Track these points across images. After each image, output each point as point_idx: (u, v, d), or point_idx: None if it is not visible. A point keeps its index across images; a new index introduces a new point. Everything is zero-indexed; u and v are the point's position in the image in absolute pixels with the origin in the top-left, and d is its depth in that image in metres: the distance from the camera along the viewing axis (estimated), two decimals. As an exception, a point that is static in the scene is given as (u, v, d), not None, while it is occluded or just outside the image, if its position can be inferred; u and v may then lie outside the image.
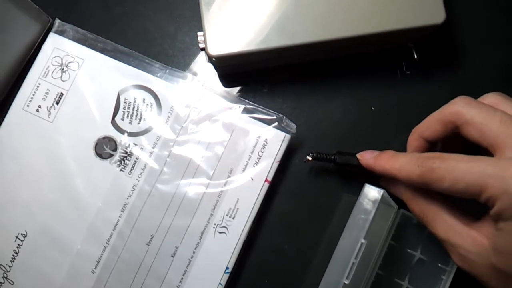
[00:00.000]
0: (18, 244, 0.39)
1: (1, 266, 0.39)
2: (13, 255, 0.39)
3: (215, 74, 0.42)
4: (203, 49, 0.38)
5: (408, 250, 0.38)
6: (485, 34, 0.42)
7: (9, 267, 0.39)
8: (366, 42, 0.38)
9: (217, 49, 0.37)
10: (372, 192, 0.33)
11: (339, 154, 0.38)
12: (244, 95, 0.41)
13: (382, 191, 0.33)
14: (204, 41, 0.38)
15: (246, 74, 0.42)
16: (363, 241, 0.32)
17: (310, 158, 0.39)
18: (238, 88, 0.42)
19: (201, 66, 0.43)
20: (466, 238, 0.29)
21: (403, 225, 0.38)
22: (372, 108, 0.41)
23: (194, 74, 0.42)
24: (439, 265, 0.37)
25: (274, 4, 0.37)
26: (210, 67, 0.42)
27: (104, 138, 0.40)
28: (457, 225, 0.30)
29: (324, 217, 0.40)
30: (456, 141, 0.32)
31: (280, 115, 0.40)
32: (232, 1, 0.38)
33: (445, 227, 0.30)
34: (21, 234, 0.39)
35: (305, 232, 0.40)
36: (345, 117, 0.41)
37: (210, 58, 0.38)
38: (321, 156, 0.38)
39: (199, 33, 0.38)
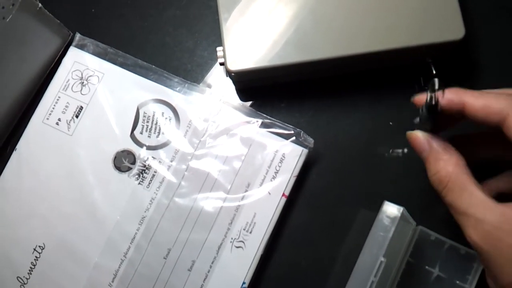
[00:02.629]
0: (36, 257, 0.40)
1: (19, 278, 0.40)
2: (31, 267, 0.40)
3: (233, 88, 0.43)
4: (222, 64, 0.39)
5: (426, 267, 0.37)
6: (505, 49, 0.42)
7: (27, 279, 0.39)
8: (384, 58, 0.38)
9: (236, 65, 0.37)
10: (391, 209, 0.33)
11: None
12: (261, 109, 0.41)
13: (401, 208, 0.33)
14: (224, 56, 0.38)
15: (264, 89, 0.42)
16: (382, 259, 0.32)
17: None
18: (256, 102, 0.42)
19: (219, 80, 0.43)
20: (497, 214, 0.27)
21: (421, 242, 0.37)
22: (390, 123, 0.41)
23: (212, 88, 0.43)
24: (457, 282, 0.36)
25: (292, 19, 0.38)
26: (228, 81, 0.42)
27: (123, 151, 0.40)
28: (487, 201, 0.28)
29: (340, 232, 0.40)
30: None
31: (297, 129, 0.40)
32: (251, 18, 0.38)
33: (473, 200, 0.28)
34: (39, 246, 0.40)
35: (322, 247, 0.40)
36: (363, 132, 0.41)
37: (229, 73, 0.38)
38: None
39: (218, 49, 0.39)
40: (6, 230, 0.40)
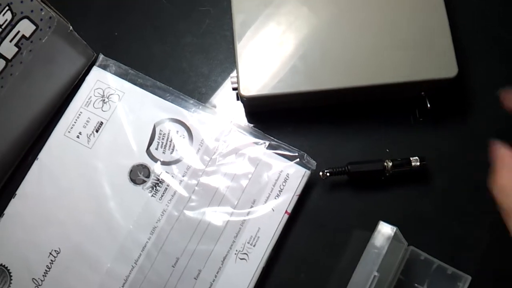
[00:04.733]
0: (51, 260, 0.42)
1: (34, 280, 0.42)
2: (46, 270, 0.42)
3: (243, 111, 0.46)
4: (235, 89, 0.42)
5: (416, 284, 0.40)
6: (497, 85, 0.46)
7: (41, 281, 0.42)
8: (382, 91, 0.42)
9: (248, 91, 0.41)
10: (385, 229, 0.36)
11: (351, 164, 0.42)
12: (269, 132, 0.45)
13: (395, 228, 0.36)
14: (237, 83, 0.41)
15: (272, 113, 0.46)
16: (376, 273, 0.35)
17: (328, 174, 0.42)
18: (264, 125, 0.46)
19: (231, 103, 0.46)
20: None
21: (411, 261, 0.40)
22: (387, 150, 0.44)
23: (224, 110, 0.46)
24: (445, 300, 0.39)
25: (302, 51, 0.41)
26: (239, 104, 0.46)
27: (138, 165, 0.43)
28: None
29: (338, 248, 0.43)
30: None
31: (301, 152, 0.43)
32: (264, 48, 0.42)
33: None
34: (55, 250, 0.42)
35: (320, 262, 0.43)
36: (362, 158, 0.44)
37: (241, 98, 0.42)
38: (336, 170, 0.42)
39: (232, 75, 0.42)
40: (25, 234, 0.43)
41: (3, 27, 0.35)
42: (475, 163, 0.42)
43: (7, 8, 0.35)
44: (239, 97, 0.42)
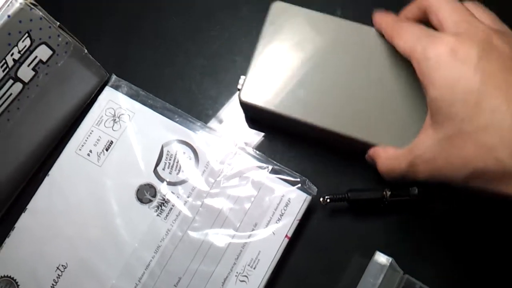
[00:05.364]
0: (58, 274, 0.44)
1: (41, 293, 0.44)
2: (53, 284, 0.43)
3: (248, 136, 0.47)
4: (239, 90, 0.44)
5: (411, 313, 0.41)
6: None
7: (48, 294, 0.43)
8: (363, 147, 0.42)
9: (246, 97, 0.43)
10: (381, 259, 0.37)
11: (351, 191, 0.43)
12: (273, 156, 0.46)
13: (390, 258, 0.37)
14: (242, 85, 0.43)
15: (276, 137, 0.47)
16: (371, 302, 0.36)
17: (328, 200, 0.43)
18: (268, 149, 0.47)
19: (237, 127, 0.48)
20: None
21: (407, 289, 0.41)
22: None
23: (230, 134, 0.47)
24: (439, 330, 0.40)
25: (309, 84, 0.42)
26: (245, 129, 0.47)
27: (145, 184, 0.45)
28: None
29: (335, 274, 0.44)
30: None
31: (303, 177, 0.44)
32: (278, 67, 0.43)
33: None
34: (62, 265, 0.44)
35: (319, 286, 0.44)
36: (362, 185, 0.45)
37: (240, 101, 0.44)
38: (336, 197, 0.43)
39: (242, 77, 0.44)
40: (34, 247, 0.44)
41: (21, 52, 0.37)
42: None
43: (26, 35, 0.37)
44: (239, 99, 0.44)
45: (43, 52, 0.39)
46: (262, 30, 0.44)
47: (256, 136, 0.48)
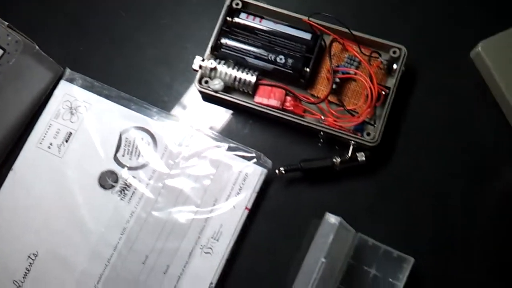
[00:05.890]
0: (30, 263, 0.45)
1: (15, 282, 0.45)
2: (25, 272, 0.45)
3: (204, 117, 0.50)
4: (195, 70, 0.47)
5: (365, 267, 0.44)
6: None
7: (22, 282, 0.45)
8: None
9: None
10: (331, 219, 0.40)
11: (304, 161, 0.46)
12: (228, 134, 0.48)
13: (339, 218, 0.40)
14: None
15: (230, 118, 0.49)
16: (323, 260, 0.39)
17: (283, 171, 0.46)
18: (223, 129, 0.49)
19: (192, 110, 0.50)
20: None
21: (360, 247, 0.44)
22: (336, 147, 0.48)
23: (186, 117, 0.49)
24: (391, 280, 0.44)
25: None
26: (200, 111, 0.49)
27: (107, 171, 0.47)
28: None
29: (296, 239, 0.46)
30: None
31: (258, 152, 0.47)
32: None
33: None
34: (33, 254, 0.45)
35: (279, 252, 0.46)
36: (314, 154, 0.48)
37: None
38: (290, 168, 0.46)
39: (197, 57, 0.46)
40: (3, 239, 0.46)
41: (-29, 53, 0.38)
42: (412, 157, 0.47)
43: (-26, 35, 0.38)
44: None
45: (-7, 52, 0.40)
46: None
47: (212, 117, 0.50)
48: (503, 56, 0.47)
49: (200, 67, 0.47)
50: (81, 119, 0.48)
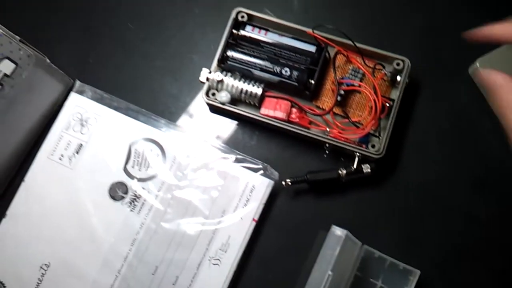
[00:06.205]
0: (42, 273, 0.46)
1: (27, 292, 0.46)
2: (38, 283, 0.46)
3: (211, 129, 0.50)
4: (202, 82, 0.47)
5: (371, 279, 0.45)
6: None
7: (34, 293, 0.46)
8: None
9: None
10: (337, 232, 0.41)
11: (310, 173, 0.47)
12: (235, 146, 0.49)
13: (345, 231, 0.40)
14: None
15: (237, 129, 0.50)
16: (330, 273, 0.39)
17: (289, 183, 0.46)
18: (230, 140, 0.50)
19: (200, 122, 0.51)
20: None
21: (367, 259, 0.45)
22: (342, 159, 0.49)
23: (194, 128, 0.50)
24: (396, 292, 0.44)
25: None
26: (208, 123, 0.50)
27: (117, 183, 0.48)
28: None
29: (302, 250, 0.47)
30: None
31: (265, 164, 0.47)
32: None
33: None
34: (45, 264, 0.46)
35: (287, 264, 0.47)
36: (320, 167, 0.48)
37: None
38: (296, 180, 0.47)
39: (204, 69, 0.47)
40: (17, 250, 0.47)
41: (-15, 69, 0.39)
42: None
43: (-12, 52, 0.39)
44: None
45: (6, 67, 0.41)
46: None
47: (219, 129, 0.51)
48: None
49: (207, 79, 0.47)
50: (91, 131, 0.49)
